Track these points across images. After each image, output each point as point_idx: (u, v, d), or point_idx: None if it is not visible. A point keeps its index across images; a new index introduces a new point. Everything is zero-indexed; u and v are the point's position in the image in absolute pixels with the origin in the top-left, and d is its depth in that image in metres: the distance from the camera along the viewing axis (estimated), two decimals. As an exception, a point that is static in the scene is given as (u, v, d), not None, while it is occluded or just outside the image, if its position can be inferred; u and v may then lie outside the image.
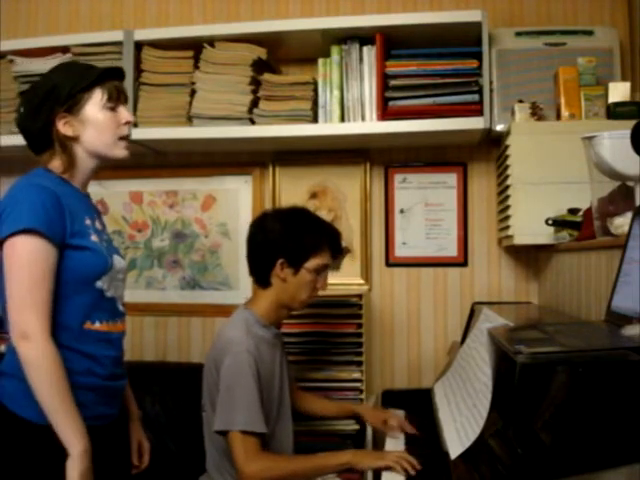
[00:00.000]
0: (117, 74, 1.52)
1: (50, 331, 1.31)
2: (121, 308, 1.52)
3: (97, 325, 1.42)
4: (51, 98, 1.42)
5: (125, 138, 1.50)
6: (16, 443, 1.33)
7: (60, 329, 1.36)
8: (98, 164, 1.50)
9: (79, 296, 1.39)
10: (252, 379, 1.60)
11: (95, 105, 1.44)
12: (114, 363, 1.47)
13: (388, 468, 1.53)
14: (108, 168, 1.50)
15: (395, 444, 1.75)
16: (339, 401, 2.07)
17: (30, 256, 1.30)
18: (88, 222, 1.44)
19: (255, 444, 1.58)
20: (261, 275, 1.77)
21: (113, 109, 1.47)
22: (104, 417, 1.44)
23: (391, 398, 2.12)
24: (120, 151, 1.49)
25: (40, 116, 1.43)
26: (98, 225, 1.49)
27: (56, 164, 1.44)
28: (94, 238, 1.42)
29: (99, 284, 1.41)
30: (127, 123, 1.50)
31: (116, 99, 1.47)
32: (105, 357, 1.43)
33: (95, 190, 2.55)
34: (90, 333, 1.41)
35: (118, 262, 1.48)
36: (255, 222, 1.83)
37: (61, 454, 1.29)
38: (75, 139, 1.44)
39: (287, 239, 1.73)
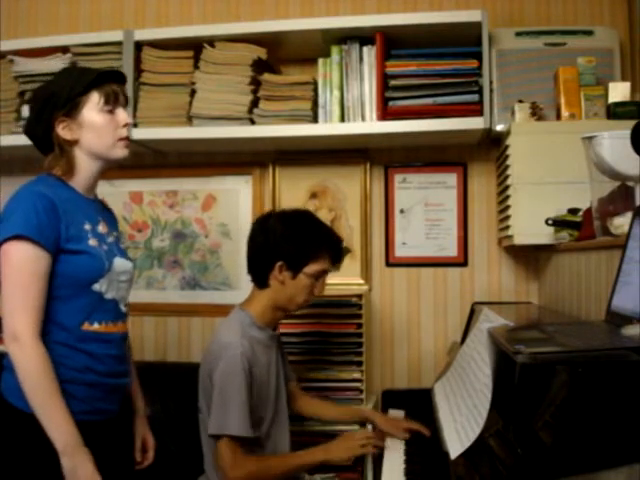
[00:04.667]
0: (117, 77, 1.55)
1: (39, 333, 1.36)
2: (123, 309, 1.55)
3: (95, 326, 1.46)
4: (50, 103, 1.45)
5: (124, 139, 1.52)
6: (12, 432, 1.39)
7: (59, 329, 1.41)
8: (101, 166, 1.52)
9: (77, 298, 1.43)
10: (245, 384, 1.61)
11: (92, 108, 1.47)
12: (115, 361, 1.50)
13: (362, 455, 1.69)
14: (108, 168, 1.50)
15: (395, 444, 1.76)
16: (347, 405, 2.03)
17: (20, 262, 1.35)
18: (87, 226, 1.46)
19: (241, 449, 1.61)
20: (259, 275, 1.77)
21: (111, 112, 1.49)
22: (103, 412, 1.48)
23: (391, 398, 2.12)
24: (120, 151, 1.52)
25: (41, 122, 1.47)
26: (101, 229, 1.51)
27: (58, 168, 1.48)
28: (92, 242, 1.45)
29: (96, 287, 1.45)
30: (125, 125, 1.52)
31: (114, 101, 1.50)
32: (105, 355, 1.47)
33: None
34: (88, 334, 1.44)
35: (120, 264, 1.51)
36: (258, 221, 1.83)
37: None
38: (74, 142, 1.47)
39: (288, 243, 1.72)
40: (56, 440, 1.32)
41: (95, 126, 1.47)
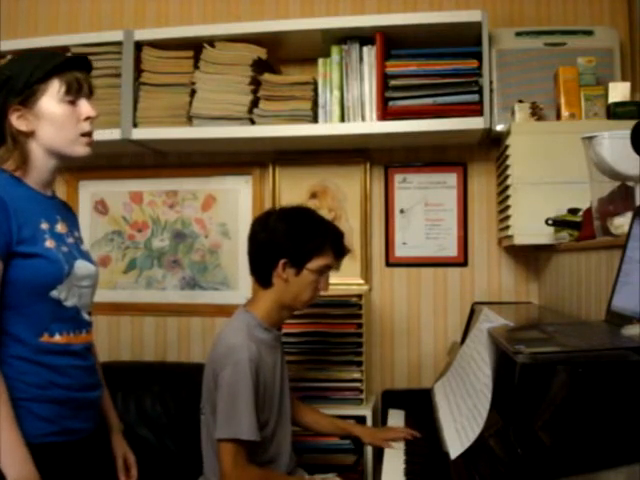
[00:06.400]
0: (83, 65, 1.40)
1: None
2: (86, 317, 1.42)
3: (57, 338, 1.32)
4: (4, 89, 1.30)
5: (88, 135, 1.38)
6: None
7: (15, 342, 1.28)
8: (58, 162, 1.38)
9: (33, 307, 1.29)
10: (252, 388, 1.60)
11: (52, 98, 1.32)
12: (82, 372, 1.38)
13: None
14: (108, 168, 1.48)
15: (395, 444, 1.76)
16: (336, 419, 2.00)
17: None
18: (44, 226, 1.33)
19: (245, 455, 1.59)
20: (262, 275, 1.75)
21: (73, 102, 1.35)
22: (75, 432, 1.35)
23: (391, 398, 2.12)
24: (81, 148, 1.37)
25: None
26: (60, 228, 1.37)
27: (10, 161, 1.33)
28: (49, 244, 1.31)
29: (54, 294, 1.31)
30: (88, 119, 1.37)
31: (76, 91, 1.35)
32: (70, 367, 1.34)
33: (95, 190, 2.59)
34: (48, 346, 1.31)
35: (82, 268, 1.37)
36: (259, 220, 1.80)
37: None
38: (30, 134, 1.33)
39: (290, 239, 1.70)
40: (6, 472, 1.16)
41: (53, 118, 1.32)
